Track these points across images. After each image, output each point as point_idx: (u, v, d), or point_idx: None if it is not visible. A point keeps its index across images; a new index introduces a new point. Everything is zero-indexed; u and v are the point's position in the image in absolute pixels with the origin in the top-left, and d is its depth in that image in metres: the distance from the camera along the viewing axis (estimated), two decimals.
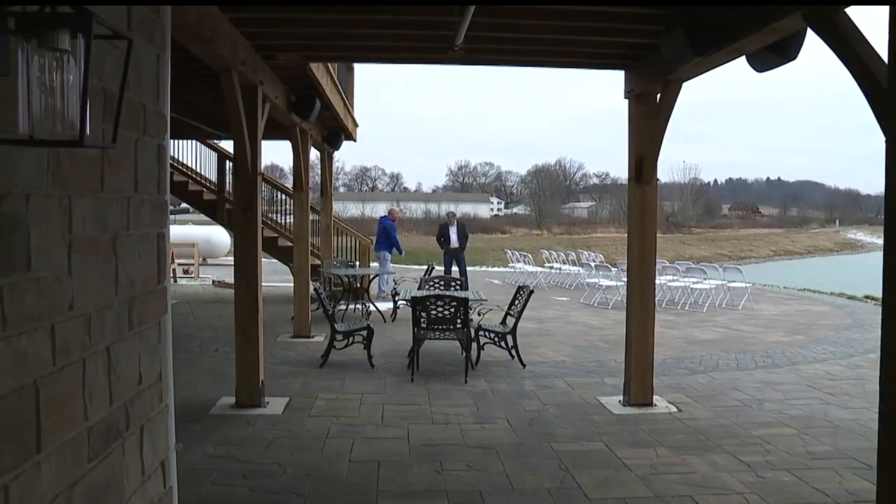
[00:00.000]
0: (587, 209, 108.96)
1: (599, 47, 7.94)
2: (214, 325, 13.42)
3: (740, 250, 63.22)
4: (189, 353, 10.90)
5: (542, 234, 75.35)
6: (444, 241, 19.45)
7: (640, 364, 8.34)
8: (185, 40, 6.12)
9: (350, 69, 15.61)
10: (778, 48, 5.93)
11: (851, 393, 9.10)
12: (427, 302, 9.67)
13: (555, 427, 7.54)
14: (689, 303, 18.01)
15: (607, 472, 6.23)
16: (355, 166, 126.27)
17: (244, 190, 8.15)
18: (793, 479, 6.12)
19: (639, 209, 8.36)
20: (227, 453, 6.54)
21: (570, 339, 13.00)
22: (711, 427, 7.62)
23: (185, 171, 17.60)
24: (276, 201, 18.83)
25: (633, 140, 8.38)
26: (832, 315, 16.91)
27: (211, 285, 20.60)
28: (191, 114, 13.24)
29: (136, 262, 2.82)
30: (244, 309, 8.07)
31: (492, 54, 8.39)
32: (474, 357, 10.26)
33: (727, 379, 9.89)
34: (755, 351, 11.98)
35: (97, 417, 2.43)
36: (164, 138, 3.11)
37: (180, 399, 7.79)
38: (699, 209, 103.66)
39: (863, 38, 4.25)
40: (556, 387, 9.28)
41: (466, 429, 7.43)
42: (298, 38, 8.06)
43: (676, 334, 13.62)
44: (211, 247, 25.97)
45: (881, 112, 3.94)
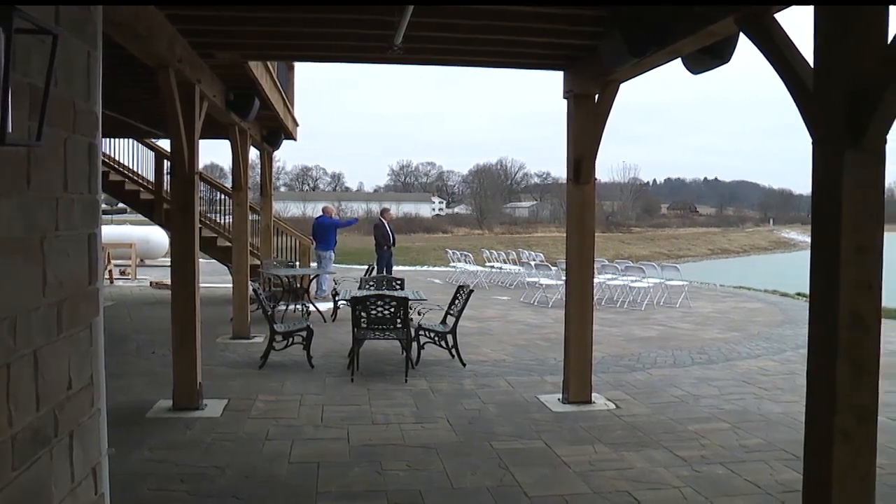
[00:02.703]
0: (528, 209, 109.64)
1: (539, 48, 7.99)
2: (152, 326, 13.17)
3: (678, 249, 64.24)
4: (126, 355, 10.70)
5: (483, 233, 75.57)
6: (386, 239, 19.32)
7: (579, 362, 8.42)
8: (120, 37, 6.01)
9: (290, 68, 15.48)
10: (712, 51, 6.04)
11: (783, 387, 9.32)
12: (367, 302, 9.64)
13: (495, 425, 7.58)
14: (628, 301, 18.23)
15: (547, 470, 6.29)
16: (296, 166, 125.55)
17: (181, 189, 8.04)
18: (727, 472, 6.26)
19: (577, 209, 8.44)
20: (164, 457, 6.44)
21: (511, 337, 13.07)
22: (649, 423, 7.74)
23: (121, 170, 17.27)
24: (215, 201, 18.54)
25: (572, 140, 8.45)
26: (766, 312, 17.28)
27: (149, 286, 20.24)
28: (128, 112, 12.99)
29: (66, 264, 2.76)
30: (181, 310, 7.95)
31: (431, 54, 8.40)
32: (415, 357, 10.27)
33: (665, 376, 10.05)
34: (692, 348, 12.20)
35: (23, 424, 2.37)
36: (95, 137, 3.05)
37: (116, 403, 7.68)
38: (638, 208, 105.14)
39: (791, 43, 4.35)
40: (497, 385, 9.33)
41: (407, 428, 7.43)
42: (237, 37, 7.97)
43: (615, 332, 13.78)
44: (149, 247, 25.47)
45: (808, 114, 4.04)
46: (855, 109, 3.71)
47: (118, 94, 10.97)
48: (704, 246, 68.18)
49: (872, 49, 3.71)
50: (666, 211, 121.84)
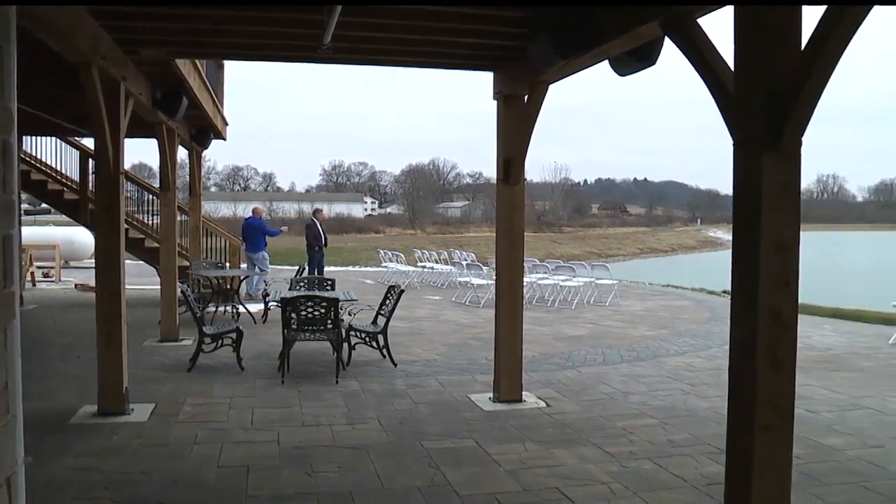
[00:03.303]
0: (461, 208, 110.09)
1: (469, 49, 8.03)
2: (77, 330, 12.85)
3: (609, 248, 65.19)
4: (49, 360, 10.42)
5: (416, 233, 75.59)
6: (318, 239, 19.18)
7: (509, 361, 8.48)
8: (40, 32, 5.85)
9: (220, 66, 15.27)
10: (639, 53, 6.14)
11: (709, 383, 9.53)
12: (297, 302, 9.56)
13: (426, 425, 7.59)
14: (559, 300, 18.41)
15: (477, 469, 6.32)
16: (227, 165, 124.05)
17: (106, 189, 7.87)
18: (654, 467, 6.39)
19: (507, 209, 8.50)
20: (88, 464, 6.28)
21: (442, 337, 13.10)
22: (579, 420, 7.84)
23: (44, 169, 16.80)
24: (143, 201, 18.20)
25: (501, 141, 8.51)
26: (693, 310, 17.64)
27: (73, 289, 19.75)
28: (52, 110, 12.65)
29: None
30: (106, 312, 7.78)
31: (361, 54, 8.36)
32: (346, 357, 10.23)
33: (594, 373, 10.19)
34: (621, 346, 12.39)
35: None
36: (10, 134, 2.96)
37: (37, 409, 7.50)
38: (570, 208, 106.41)
39: (712, 47, 4.46)
40: (428, 385, 9.34)
41: (338, 430, 7.38)
42: (163, 34, 7.81)
43: (546, 331, 13.91)
44: (73, 248, 24.82)
45: (729, 116, 4.14)
46: (773, 112, 3.82)
47: (42, 92, 10.67)
48: (634, 245, 69.32)
49: (788, 54, 3.83)
50: (597, 211, 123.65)
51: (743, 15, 4.01)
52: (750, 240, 3.88)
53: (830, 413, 8.27)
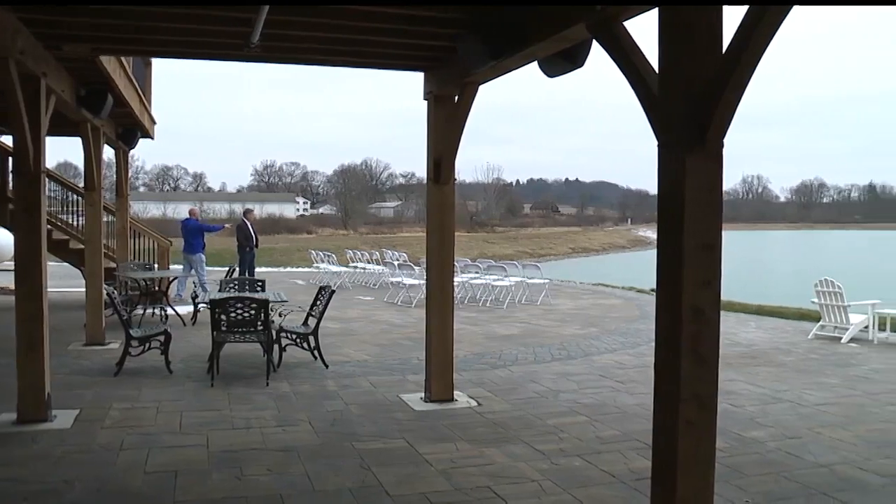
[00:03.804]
0: (393, 208, 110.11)
1: (399, 49, 8.01)
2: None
3: (541, 248, 65.70)
4: None
5: (348, 233, 75.28)
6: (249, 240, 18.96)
7: (440, 361, 8.51)
8: None
9: (147, 63, 14.98)
10: (567, 55, 6.20)
11: (638, 380, 9.69)
12: (227, 304, 9.43)
13: (357, 426, 7.56)
14: (491, 299, 18.53)
15: (409, 469, 6.31)
16: (156, 165, 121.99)
17: (26, 189, 7.65)
18: (584, 464, 6.47)
19: (437, 209, 8.53)
20: (6, 475, 6.08)
21: (374, 337, 13.08)
22: (510, 419, 7.89)
23: None
24: (67, 202, 17.75)
25: (432, 141, 8.52)
26: (623, 308, 17.92)
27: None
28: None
29: None
30: (26, 315, 7.55)
31: (290, 53, 8.29)
32: (276, 359, 10.13)
33: (526, 372, 10.28)
34: (552, 344, 12.52)
35: None
36: None
37: None
38: (502, 208, 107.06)
39: (638, 50, 4.53)
40: (359, 386, 9.31)
41: (268, 432, 7.31)
42: (86, 29, 7.60)
43: (477, 330, 13.98)
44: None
45: (653, 118, 4.22)
46: (696, 114, 3.90)
47: None
48: (566, 245, 70.02)
49: (710, 56, 3.92)
50: (529, 211, 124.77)
51: (667, 18, 4.08)
52: (674, 239, 3.95)
53: (753, 407, 8.49)
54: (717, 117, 3.86)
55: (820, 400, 8.91)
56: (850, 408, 8.57)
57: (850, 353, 12.23)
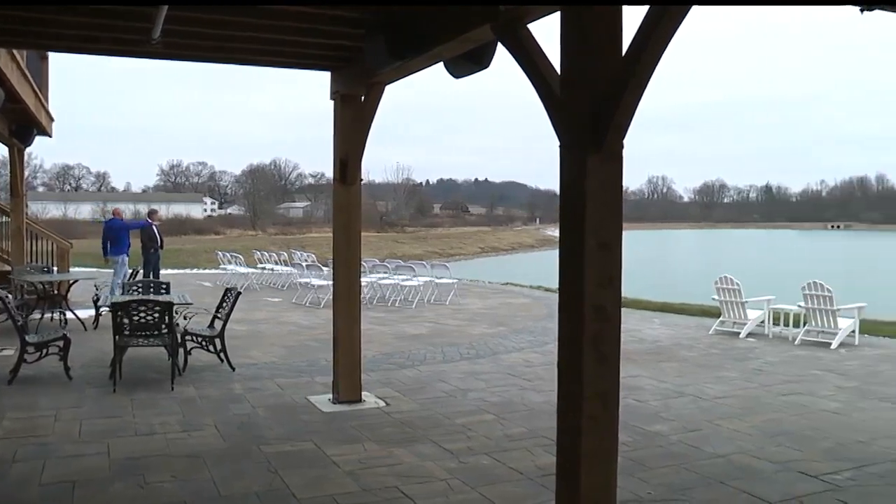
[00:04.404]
0: (303, 209, 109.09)
1: (305, 48, 7.94)
2: None
3: (450, 248, 66.05)
4: None
5: (257, 234, 74.29)
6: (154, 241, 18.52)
7: (348, 361, 8.47)
8: None
9: (44, 58, 14.49)
10: (472, 56, 6.25)
11: (545, 378, 9.82)
12: (129, 307, 9.19)
13: (264, 429, 7.46)
14: (400, 299, 18.54)
15: (316, 471, 6.26)
16: (56, 164, 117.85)
17: None
18: (491, 462, 6.52)
19: (344, 209, 8.48)
20: None
21: (282, 339, 12.94)
22: (418, 419, 7.91)
23: None
24: None
25: (338, 141, 8.47)
26: (531, 307, 18.15)
27: None
28: None
29: None
30: None
31: (193, 50, 8.09)
32: (181, 363, 9.90)
33: (434, 371, 10.31)
34: (461, 343, 12.60)
35: None
36: None
37: None
38: (412, 208, 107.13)
39: (541, 52, 4.59)
40: (267, 388, 9.19)
41: (172, 438, 7.14)
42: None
43: (386, 331, 13.97)
44: None
45: (556, 119, 4.28)
46: (596, 115, 3.97)
47: None
48: (475, 244, 70.57)
49: (610, 58, 3.99)
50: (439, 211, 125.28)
51: (568, 19, 4.13)
52: (575, 238, 4.02)
53: (656, 401, 8.71)
54: (617, 118, 3.94)
55: (719, 393, 9.20)
56: (746, 400, 8.88)
57: (747, 347, 12.66)
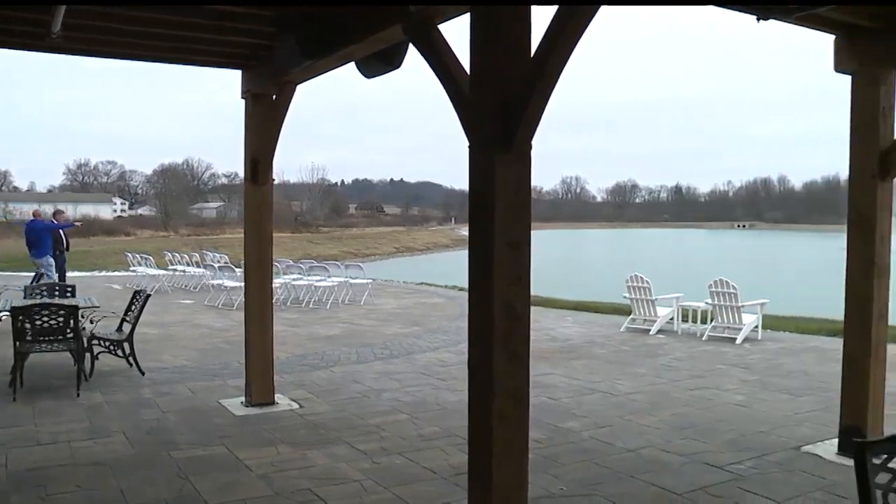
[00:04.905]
0: (216, 209, 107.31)
1: (217, 46, 7.81)
2: None
3: (366, 248, 65.81)
4: None
5: (169, 235, 72.74)
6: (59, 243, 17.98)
7: (260, 363, 8.37)
8: None
9: None
10: (384, 57, 6.23)
11: (458, 377, 9.87)
12: (31, 311, 8.90)
13: (175, 434, 7.31)
14: (314, 300, 18.43)
15: (228, 476, 6.17)
16: None
17: None
18: (405, 462, 6.54)
19: (255, 210, 8.38)
20: None
21: (193, 342, 12.71)
22: (332, 420, 7.87)
23: None
24: None
25: (249, 141, 8.36)
26: (445, 306, 18.23)
27: None
28: None
29: None
30: None
31: (97, 45, 7.85)
32: (88, 368, 9.62)
33: (348, 372, 10.27)
34: (375, 344, 12.58)
35: None
36: None
37: None
38: (327, 209, 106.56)
39: (451, 53, 4.61)
40: (178, 392, 9.01)
41: (77, 446, 6.92)
42: None
43: (300, 332, 13.87)
44: None
45: (465, 120, 4.30)
46: (505, 115, 4.00)
47: None
48: (390, 244, 70.45)
49: (519, 58, 4.02)
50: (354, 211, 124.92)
51: (478, 20, 4.16)
52: (484, 237, 4.04)
53: (569, 399, 8.84)
54: (525, 118, 3.97)
55: (630, 389, 9.39)
56: (655, 395, 9.09)
57: (657, 343, 12.96)
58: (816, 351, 12.16)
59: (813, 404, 8.61)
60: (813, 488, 5.92)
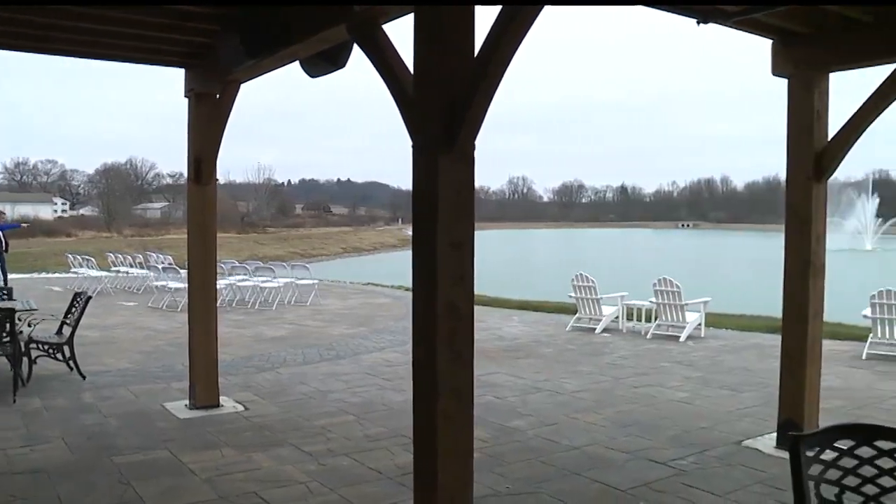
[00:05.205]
0: (161, 209, 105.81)
1: (159, 43, 7.68)
2: None
3: (313, 248, 65.37)
4: None
5: (112, 235, 71.49)
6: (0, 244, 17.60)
7: (205, 365, 8.27)
8: None
9: None
10: (328, 56, 6.19)
11: (405, 377, 9.84)
12: None
13: (116, 439, 7.18)
14: (260, 301, 18.28)
15: (171, 480, 6.08)
16: None
17: None
18: (351, 463, 6.51)
19: (199, 210, 8.27)
20: None
21: (136, 345, 12.52)
22: (277, 422, 7.81)
23: None
24: None
25: (193, 140, 8.26)
26: (392, 306, 18.21)
27: None
28: None
29: None
30: None
31: (31, 40, 7.60)
32: (25, 373, 9.39)
33: (294, 374, 10.21)
34: (321, 345, 12.53)
35: None
36: None
37: None
38: (273, 209, 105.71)
39: (395, 53, 4.61)
40: (120, 396, 8.86)
41: (13, 454, 6.73)
42: None
43: (246, 333, 13.76)
44: None
45: (408, 120, 4.30)
46: (448, 116, 4.01)
47: None
48: (337, 245, 70.10)
49: (463, 59, 4.04)
50: (301, 211, 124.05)
51: (422, 20, 4.16)
52: (428, 237, 4.05)
53: (515, 398, 8.89)
54: (469, 118, 3.99)
55: (575, 387, 9.48)
56: (600, 393, 9.18)
57: (602, 342, 13.10)
58: (757, 348, 12.41)
59: (753, 400, 8.79)
60: (752, 482, 6.04)
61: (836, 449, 3.02)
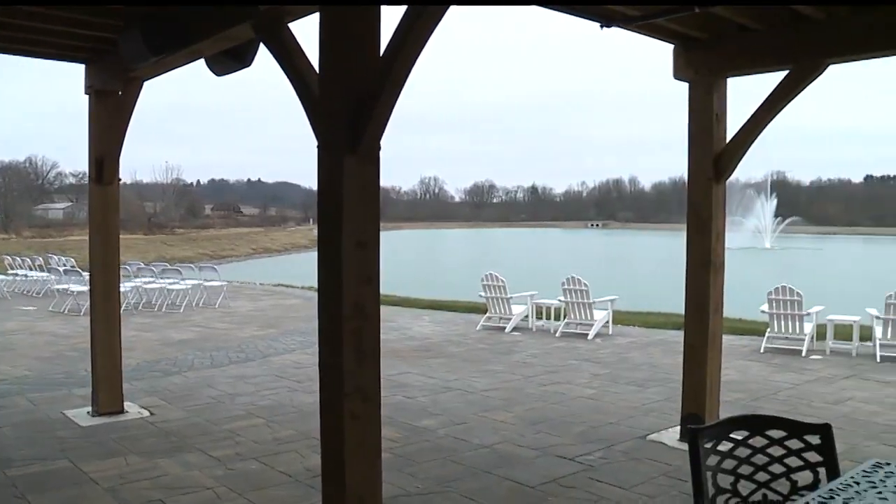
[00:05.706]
0: (63, 210, 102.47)
1: (58, 37, 7.41)
2: None
3: (222, 249, 64.36)
4: None
5: (10, 237, 68.97)
6: None
7: (108, 371, 8.05)
8: None
9: None
10: (234, 54, 6.11)
11: (315, 378, 9.56)
12: None
13: (12, 451, 6.88)
14: (167, 304, 17.90)
15: (71, 491, 5.89)
16: None
17: None
18: (260, 466, 6.44)
19: (100, 211, 8.04)
20: None
21: (36, 350, 12.10)
22: (184, 427, 7.66)
23: None
24: None
25: (94, 139, 8.03)
26: (302, 307, 18.07)
27: None
28: None
29: None
30: None
31: None
32: None
33: (202, 377, 10.03)
34: (230, 347, 12.35)
35: None
36: None
37: None
38: (182, 209, 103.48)
39: (301, 52, 4.58)
40: (16, 405, 8.53)
41: None
42: None
43: (152, 336, 13.45)
44: None
45: (314, 120, 4.28)
46: (353, 116, 4.00)
47: None
48: (247, 246, 69.16)
49: (368, 58, 4.04)
50: (210, 212, 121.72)
51: (327, 19, 4.14)
52: (333, 237, 4.04)
53: (425, 397, 8.91)
54: (374, 118, 3.99)
55: (486, 386, 9.56)
56: (510, 391, 9.29)
57: (512, 341, 13.24)
58: (663, 344, 12.73)
59: (659, 395, 9.02)
60: (657, 474, 6.20)
61: (731, 440, 3.14)
